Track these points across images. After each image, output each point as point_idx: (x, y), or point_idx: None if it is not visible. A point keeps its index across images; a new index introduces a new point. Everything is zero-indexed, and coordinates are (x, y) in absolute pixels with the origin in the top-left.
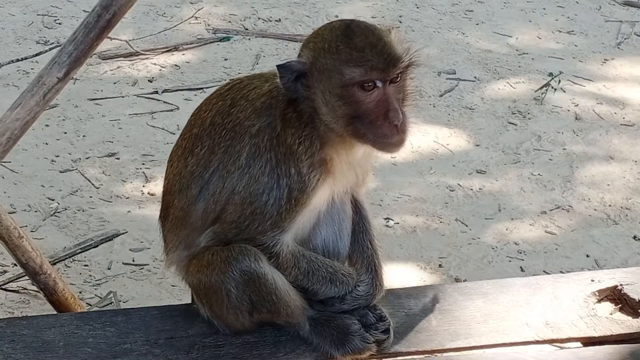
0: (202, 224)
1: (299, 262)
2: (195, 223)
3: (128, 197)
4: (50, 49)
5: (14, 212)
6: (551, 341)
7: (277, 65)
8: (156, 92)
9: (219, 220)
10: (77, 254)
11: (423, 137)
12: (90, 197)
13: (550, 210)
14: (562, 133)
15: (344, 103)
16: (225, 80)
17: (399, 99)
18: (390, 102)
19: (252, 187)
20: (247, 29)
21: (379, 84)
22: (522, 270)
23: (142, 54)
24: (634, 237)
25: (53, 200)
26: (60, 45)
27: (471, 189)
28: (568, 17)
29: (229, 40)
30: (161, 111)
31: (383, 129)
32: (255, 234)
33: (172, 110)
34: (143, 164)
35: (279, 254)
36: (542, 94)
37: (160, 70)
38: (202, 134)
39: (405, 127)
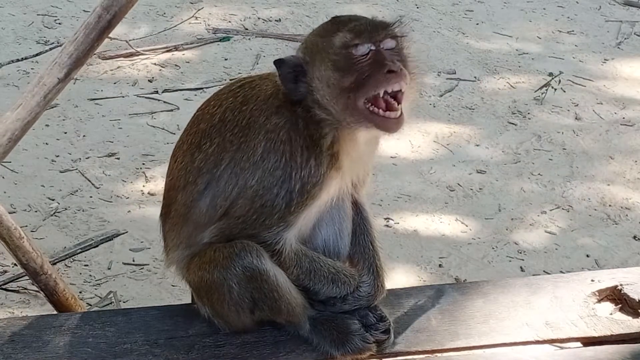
0: (207, 220)
1: (301, 261)
2: (199, 219)
3: (128, 197)
4: (50, 49)
5: (14, 212)
6: (551, 341)
7: (274, 61)
8: (156, 92)
9: (226, 216)
10: (77, 254)
11: (423, 137)
12: (90, 197)
13: (550, 210)
14: (562, 133)
15: (339, 72)
16: (225, 80)
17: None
18: (386, 56)
19: (265, 180)
20: (247, 29)
21: (372, 46)
22: (522, 270)
23: (142, 54)
24: (634, 237)
25: (53, 200)
26: (60, 45)
27: (471, 189)
28: (568, 17)
29: (229, 40)
30: (161, 111)
31: (380, 78)
32: (260, 229)
33: (172, 110)
34: (143, 164)
35: (281, 252)
36: (542, 94)
37: (160, 70)
38: (210, 130)
39: (405, 76)
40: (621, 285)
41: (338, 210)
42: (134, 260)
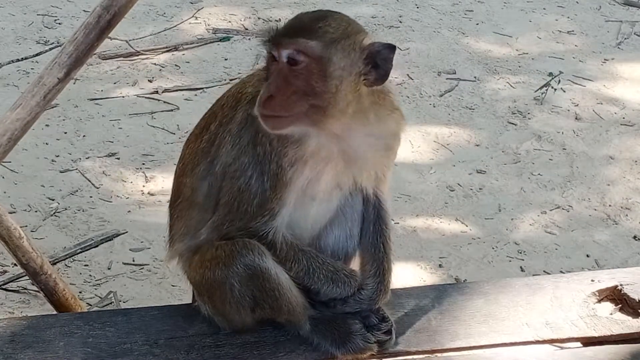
0: (207, 202)
1: (298, 257)
2: (202, 203)
3: (128, 197)
4: (50, 49)
5: (14, 212)
6: (551, 341)
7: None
8: (156, 92)
9: (217, 207)
10: (77, 254)
11: (423, 137)
12: (90, 197)
13: (550, 210)
14: (562, 133)
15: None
16: (225, 80)
17: (295, 86)
18: (273, 75)
19: (240, 159)
20: (247, 29)
21: (276, 55)
22: (522, 270)
23: (142, 54)
24: (634, 237)
25: (53, 200)
26: (60, 45)
27: (471, 189)
28: (568, 17)
29: (229, 40)
30: (161, 111)
31: (257, 98)
32: (246, 220)
33: (172, 110)
34: (143, 164)
35: (274, 243)
36: (542, 94)
37: (160, 70)
38: (217, 111)
39: (270, 105)
40: (621, 285)
41: (351, 208)
42: (134, 260)
